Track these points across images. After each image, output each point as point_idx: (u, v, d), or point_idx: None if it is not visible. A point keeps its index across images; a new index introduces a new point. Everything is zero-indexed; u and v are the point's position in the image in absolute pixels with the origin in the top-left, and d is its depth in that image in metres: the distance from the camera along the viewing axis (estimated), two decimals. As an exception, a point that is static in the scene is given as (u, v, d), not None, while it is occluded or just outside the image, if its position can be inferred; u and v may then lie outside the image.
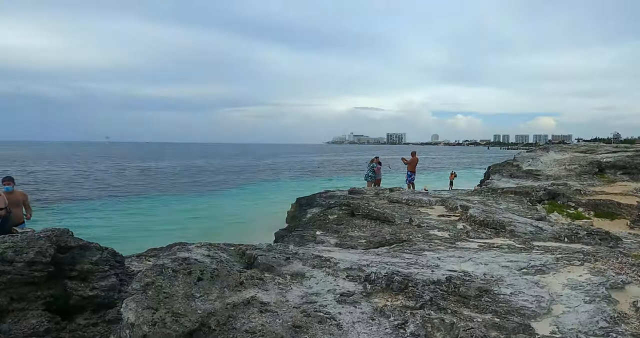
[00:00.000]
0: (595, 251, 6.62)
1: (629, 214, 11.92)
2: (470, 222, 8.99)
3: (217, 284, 3.73)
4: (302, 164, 79.41)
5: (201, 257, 4.23)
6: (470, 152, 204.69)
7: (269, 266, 4.27)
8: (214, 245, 4.80)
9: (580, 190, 14.50)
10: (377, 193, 13.55)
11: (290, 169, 66.34)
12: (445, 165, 74.62)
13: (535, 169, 18.51)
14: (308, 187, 35.76)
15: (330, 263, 4.41)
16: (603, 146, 24.55)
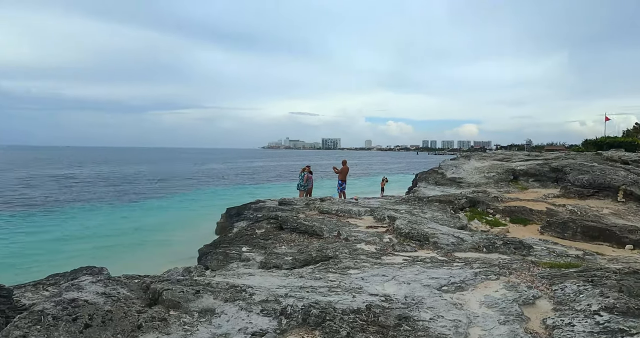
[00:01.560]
0: (510, 262, 6.91)
1: (540, 220, 12.82)
2: (396, 234, 9.07)
3: (109, 330, 3.24)
4: (237, 170, 77.69)
5: (94, 297, 3.69)
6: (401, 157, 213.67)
7: (176, 302, 3.84)
8: (112, 280, 4.26)
9: (497, 197, 15.39)
10: (307, 203, 13.37)
11: (224, 175, 64.51)
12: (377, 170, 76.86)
13: (458, 176, 19.46)
14: (240, 195, 34.88)
15: (245, 295, 4.07)
16: (517, 154, 26.51)
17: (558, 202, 15.04)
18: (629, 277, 5.15)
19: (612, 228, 10.74)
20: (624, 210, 14.22)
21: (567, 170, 17.69)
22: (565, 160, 19.85)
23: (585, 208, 14.08)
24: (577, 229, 10.97)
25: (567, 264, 7.27)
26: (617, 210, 14.26)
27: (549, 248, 9.12)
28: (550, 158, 21.97)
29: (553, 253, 8.71)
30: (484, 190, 16.99)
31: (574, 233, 10.96)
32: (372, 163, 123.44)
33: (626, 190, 15.34)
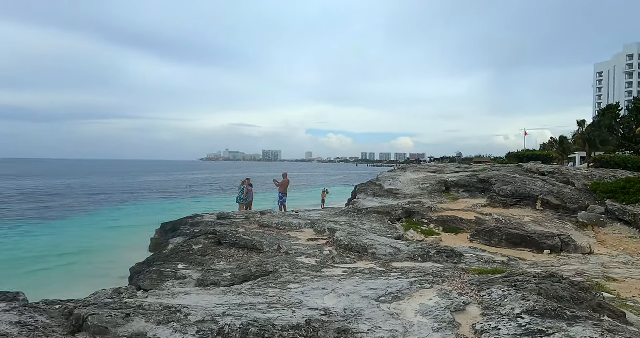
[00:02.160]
0: (443, 270, 7.24)
1: (469, 228, 13.61)
2: (336, 246, 9.18)
3: (24, 364, 2.95)
4: (173, 183, 74.66)
5: (7, 327, 3.35)
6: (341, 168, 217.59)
7: (103, 328, 3.58)
8: (29, 307, 3.90)
9: (431, 208, 16.13)
10: (247, 217, 13.16)
11: (159, 189, 61.66)
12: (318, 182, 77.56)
13: (395, 188, 20.19)
14: (176, 209, 33.51)
15: (180, 316, 3.89)
16: (449, 166, 28.04)
17: (485, 211, 16.08)
18: (546, 280, 5.60)
19: (532, 235, 11.67)
20: (542, 218, 15.51)
21: (493, 181, 19.01)
22: (491, 172, 21.31)
23: (509, 217, 15.17)
24: (502, 237, 11.78)
25: (494, 270, 7.76)
26: (536, 217, 15.52)
27: (477, 256, 9.69)
28: (478, 170, 23.49)
29: (482, 260, 9.27)
30: (419, 201, 17.75)
31: (499, 240, 11.76)
32: (313, 175, 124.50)
33: (543, 199, 16.77)
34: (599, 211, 15.51)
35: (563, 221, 15.19)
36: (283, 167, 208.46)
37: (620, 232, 14.39)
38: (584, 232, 14.25)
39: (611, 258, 11.06)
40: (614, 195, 16.06)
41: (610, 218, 15.15)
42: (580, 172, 20.73)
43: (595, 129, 52.60)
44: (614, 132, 53.71)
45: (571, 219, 15.43)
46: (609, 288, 8.06)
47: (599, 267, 9.90)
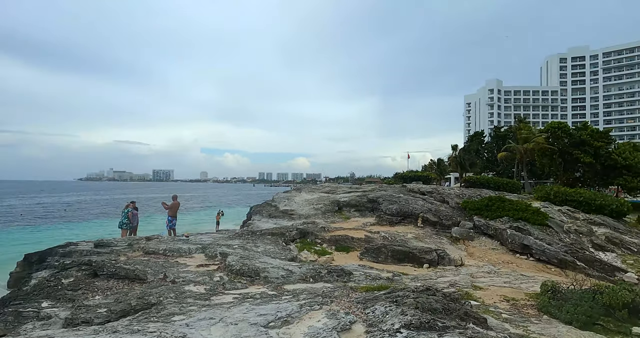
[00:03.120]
0: (333, 290, 7.45)
1: (359, 247, 14.26)
2: (227, 271, 8.89)
3: None
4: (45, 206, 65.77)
5: None
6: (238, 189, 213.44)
7: None
8: None
9: (325, 228, 16.59)
10: (131, 244, 12.11)
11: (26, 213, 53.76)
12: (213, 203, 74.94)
13: (290, 208, 20.40)
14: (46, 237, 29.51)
15: (35, 366, 3.38)
16: (341, 187, 29.28)
17: (374, 230, 17.03)
18: (422, 294, 6.08)
19: (414, 250, 12.63)
20: (423, 234, 16.93)
21: (381, 200, 20.30)
22: (379, 192, 22.77)
23: (394, 234, 16.27)
24: (388, 253, 12.56)
25: (379, 287, 8.21)
26: (417, 234, 16.89)
27: (366, 273, 10.16)
28: (368, 190, 24.91)
29: (369, 277, 9.74)
30: (313, 221, 18.13)
31: (386, 257, 12.50)
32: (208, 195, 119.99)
33: (424, 217, 18.35)
34: (469, 226, 17.46)
35: (440, 236, 16.75)
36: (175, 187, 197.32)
37: (485, 244, 16.34)
38: (456, 246, 15.87)
39: (478, 268, 12.45)
40: (480, 211, 18.25)
41: (477, 232, 17.14)
42: (453, 192, 23.19)
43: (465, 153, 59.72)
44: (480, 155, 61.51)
45: (446, 234, 17.10)
46: (475, 296, 9.03)
47: (468, 277, 11.05)
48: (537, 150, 39.34)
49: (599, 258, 14.11)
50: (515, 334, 6.37)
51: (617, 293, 7.76)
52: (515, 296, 9.24)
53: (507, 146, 44.62)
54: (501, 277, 11.46)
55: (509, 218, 16.91)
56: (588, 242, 15.89)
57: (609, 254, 14.88)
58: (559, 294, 8.37)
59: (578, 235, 16.32)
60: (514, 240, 15.22)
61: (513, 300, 8.93)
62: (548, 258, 14.08)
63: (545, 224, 16.72)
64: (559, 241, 15.27)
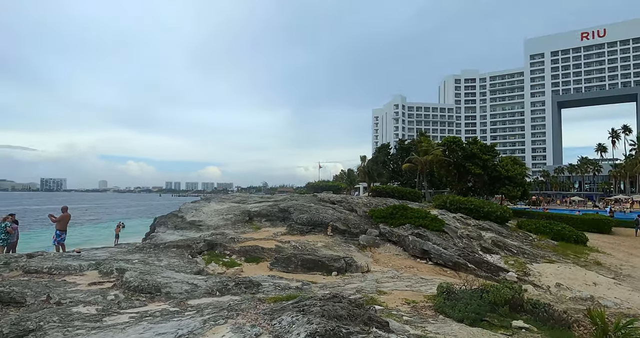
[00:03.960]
0: (240, 302, 7.23)
1: (270, 257, 14.12)
2: (124, 288, 8.19)
3: None
4: None
5: None
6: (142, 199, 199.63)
7: None
8: None
9: (234, 238, 16.17)
10: (7, 262, 10.60)
11: None
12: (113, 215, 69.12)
13: (198, 219, 19.56)
14: None
15: None
16: (252, 197, 28.88)
17: (285, 239, 17.02)
18: (329, 301, 6.17)
19: (323, 259, 12.84)
20: (332, 242, 17.31)
21: (292, 210, 20.39)
22: (290, 201, 22.86)
23: (304, 243, 16.41)
24: (298, 263, 12.60)
25: (288, 296, 8.17)
26: (327, 242, 17.23)
27: (275, 283, 10.06)
28: (279, 199, 24.89)
29: (278, 288, 9.65)
30: (223, 232, 17.59)
31: (295, 266, 12.53)
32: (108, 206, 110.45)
33: (333, 226, 18.80)
34: (375, 234, 18.27)
35: (348, 244, 17.27)
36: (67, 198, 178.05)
37: (390, 250, 17.21)
38: (364, 253, 16.48)
39: (383, 274, 13.04)
40: (385, 219, 19.21)
41: (383, 239, 18.00)
42: (361, 201, 24.15)
43: (373, 164, 62.79)
44: (387, 166, 65.07)
45: (354, 242, 17.69)
46: (380, 300, 9.42)
47: (374, 282, 11.51)
48: (435, 162, 42.74)
49: (486, 260, 15.64)
50: (414, 335, 6.74)
51: (500, 291, 8.64)
52: (415, 299, 9.81)
53: (410, 158, 47.87)
54: (403, 281, 12.12)
55: (410, 226, 18.03)
56: (478, 245, 17.54)
57: (494, 256, 16.58)
58: (453, 295, 9.08)
59: (469, 240, 17.95)
60: (415, 245, 16.24)
61: (413, 302, 9.48)
62: (444, 262, 15.24)
63: (442, 230, 18.12)
64: (453, 245, 16.63)
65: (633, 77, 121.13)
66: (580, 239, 22.60)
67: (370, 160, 65.91)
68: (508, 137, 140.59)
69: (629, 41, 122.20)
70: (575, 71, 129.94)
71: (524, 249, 18.17)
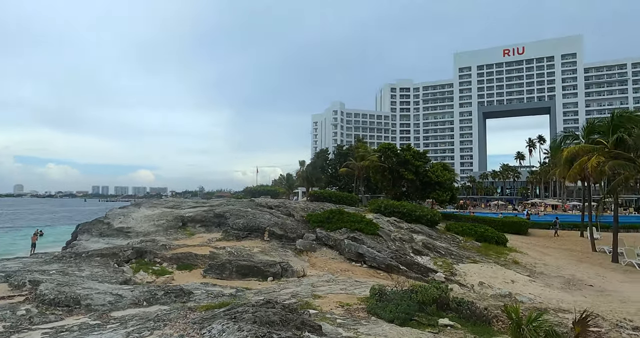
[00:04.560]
0: (169, 312, 6.93)
1: (203, 264, 13.68)
2: (38, 302, 7.52)
3: None
4: None
5: None
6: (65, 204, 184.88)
7: None
8: None
9: (166, 245, 15.48)
10: None
11: None
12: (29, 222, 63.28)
13: (126, 226, 18.49)
14: None
15: None
16: (186, 201, 27.87)
17: (220, 245, 16.59)
18: (261, 308, 6.10)
19: (258, 264, 12.68)
20: (269, 248, 17.16)
21: (228, 215, 19.95)
22: (227, 206, 22.36)
23: (240, 249, 16.11)
24: (232, 269, 12.33)
25: (220, 304, 7.96)
26: (264, 248, 17.04)
27: (208, 291, 9.77)
28: (215, 204, 24.25)
29: (211, 295, 9.38)
30: (153, 238, 16.77)
31: (230, 272, 12.25)
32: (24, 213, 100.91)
33: (270, 231, 18.65)
34: (312, 238, 18.39)
35: (285, 249, 17.22)
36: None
37: (326, 254, 17.39)
38: (300, 258, 16.51)
39: (319, 278, 13.14)
40: (322, 224, 19.42)
41: (320, 243, 18.16)
42: (299, 205, 24.21)
43: (312, 169, 63.29)
44: (325, 171, 65.93)
45: (291, 247, 17.67)
46: (315, 304, 9.47)
47: (310, 287, 11.56)
48: (371, 168, 44.05)
49: (417, 262, 16.34)
50: (346, 337, 6.86)
51: (427, 291, 9.05)
52: (349, 301, 10.00)
53: (347, 163, 48.88)
54: (338, 285, 12.30)
55: (347, 230, 18.38)
56: (409, 248, 18.29)
57: (424, 258, 17.37)
58: (385, 296, 9.37)
59: (402, 243, 18.66)
60: (351, 249, 16.57)
61: (347, 305, 9.65)
62: (378, 264, 15.70)
63: (377, 234, 18.67)
64: (387, 248, 17.19)
65: (547, 91, 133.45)
66: (501, 240, 24.34)
67: (309, 165, 66.40)
68: (439, 144, 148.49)
69: (543, 59, 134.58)
70: (499, 84, 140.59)
71: (451, 250, 19.22)
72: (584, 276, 17.59)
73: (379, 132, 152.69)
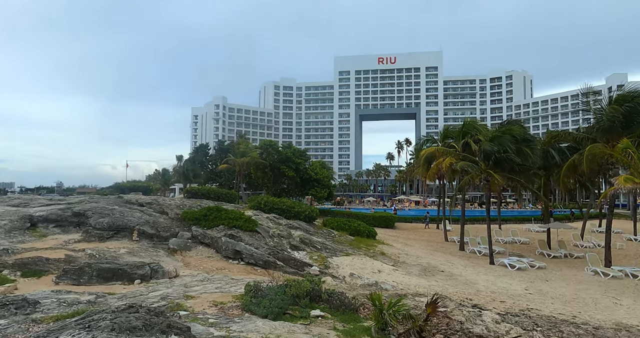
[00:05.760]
0: (5, 327, 5.96)
1: (57, 269, 12.09)
2: None
3: None
4: None
5: None
6: None
7: None
8: None
9: (8, 250, 13.31)
10: None
11: None
12: None
13: (-47, 228, 15.32)
14: None
15: None
16: (38, 199, 24.25)
17: (78, 247, 14.85)
18: (122, 313, 5.60)
19: (124, 267, 11.66)
20: (138, 248, 15.90)
21: (90, 214, 17.93)
22: (89, 204, 20.08)
23: (104, 251, 14.62)
24: (92, 273, 11.13)
25: (74, 313, 7.11)
26: (132, 248, 15.73)
27: (60, 299, 8.65)
28: (74, 202, 21.59)
29: (64, 304, 8.33)
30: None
31: (90, 277, 11.04)
32: None
33: (139, 230, 17.30)
34: (187, 237, 17.56)
35: (157, 249, 16.14)
36: None
37: (202, 253, 16.78)
38: (173, 258, 15.65)
39: (192, 277, 12.61)
40: (198, 221, 18.65)
41: (195, 242, 17.44)
42: (174, 202, 22.90)
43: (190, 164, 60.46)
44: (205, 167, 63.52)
45: (164, 246, 16.64)
46: (186, 305, 9.07)
47: (182, 287, 11.03)
48: (252, 164, 43.81)
49: (293, 257, 16.74)
50: (218, 336, 6.70)
51: (301, 285, 9.34)
52: (224, 300, 9.80)
53: (227, 159, 47.83)
54: (214, 284, 11.97)
55: (224, 227, 17.96)
56: (287, 243, 18.63)
57: (301, 253, 17.87)
58: (260, 292, 9.40)
59: (280, 239, 18.92)
60: (228, 246, 16.25)
61: (221, 303, 9.44)
62: (255, 261, 15.68)
63: (255, 230, 18.62)
64: (265, 245, 17.27)
65: (414, 99, 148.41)
66: (371, 234, 26.30)
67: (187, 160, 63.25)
68: (319, 143, 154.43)
69: (412, 69, 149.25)
70: (374, 89, 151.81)
71: (326, 245, 20.12)
72: (437, 263, 19.98)
73: (262, 129, 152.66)
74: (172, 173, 60.40)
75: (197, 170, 58.23)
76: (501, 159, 21.85)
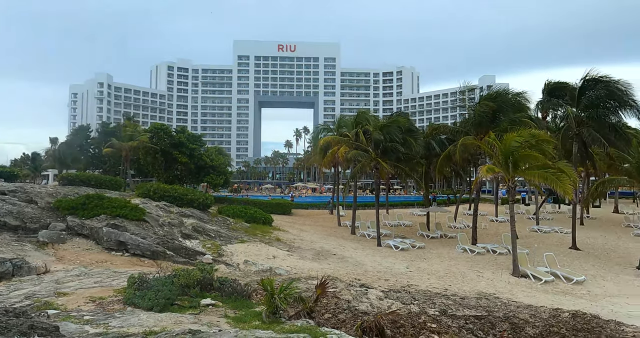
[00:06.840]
0: None
1: None
2: None
3: None
4: None
5: None
6: None
7: None
8: None
9: None
10: None
11: None
12: None
13: None
14: None
15: None
16: None
17: None
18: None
19: (-22, 264, 10.06)
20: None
21: None
22: None
23: (-49, 247, 12.43)
24: None
25: None
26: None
27: None
28: None
29: None
30: None
31: None
32: None
33: (1, 221, 15.05)
34: (60, 228, 15.75)
35: (22, 243, 14.22)
36: None
37: (80, 245, 15.23)
38: (43, 251, 13.94)
39: (66, 272, 11.39)
40: (75, 211, 16.81)
41: (71, 233, 15.74)
42: (45, 190, 20.32)
43: (67, 147, 54.10)
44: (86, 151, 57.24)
45: (32, 239, 14.73)
46: (57, 303, 8.17)
47: (53, 284, 9.91)
48: (141, 149, 40.68)
49: (185, 246, 16.07)
50: (93, 334, 6.16)
51: (190, 274, 9.01)
52: (103, 295, 9.04)
53: (111, 143, 43.72)
54: (92, 278, 10.98)
55: (106, 216, 16.48)
56: (178, 232, 17.79)
57: (193, 241, 17.22)
58: (145, 284, 8.84)
59: (171, 227, 17.98)
60: (110, 237, 14.98)
61: (100, 299, 8.71)
62: (142, 252, 14.72)
63: (143, 219, 17.42)
64: (153, 234, 16.27)
65: (312, 88, 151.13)
66: (267, 220, 26.38)
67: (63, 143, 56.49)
68: (217, 129, 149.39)
69: (311, 59, 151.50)
70: (273, 77, 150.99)
71: (221, 233, 19.67)
72: (330, 247, 20.85)
73: (154, 111, 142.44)
74: (45, 158, 53.52)
75: (75, 154, 52.38)
76: (389, 148, 23.44)
